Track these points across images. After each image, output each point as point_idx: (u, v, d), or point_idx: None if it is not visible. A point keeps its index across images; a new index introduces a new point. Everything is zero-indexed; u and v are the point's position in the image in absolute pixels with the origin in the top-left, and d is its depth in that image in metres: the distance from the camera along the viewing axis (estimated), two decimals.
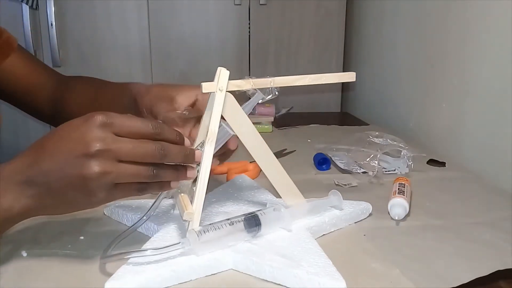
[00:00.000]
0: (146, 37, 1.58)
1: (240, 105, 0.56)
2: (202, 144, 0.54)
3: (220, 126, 0.55)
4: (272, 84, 0.56)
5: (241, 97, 0.56)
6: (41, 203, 0.47)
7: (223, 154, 0.62)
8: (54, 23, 1.50)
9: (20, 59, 0.81)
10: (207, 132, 0.54)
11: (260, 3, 1.57)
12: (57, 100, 0.83)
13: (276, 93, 0.56)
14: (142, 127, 0.48)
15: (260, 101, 0.56)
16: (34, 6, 1.47)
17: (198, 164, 0.54)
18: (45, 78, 0.84)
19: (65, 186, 0.45)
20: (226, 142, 0.58)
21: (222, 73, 0.54)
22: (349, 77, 0.61)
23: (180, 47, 1.60)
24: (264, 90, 0.56)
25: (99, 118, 0.46)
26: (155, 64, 1.60)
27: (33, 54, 1.49)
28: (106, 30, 1.56)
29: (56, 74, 0.86)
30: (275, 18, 1.61)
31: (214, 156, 0.55)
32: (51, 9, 1.49)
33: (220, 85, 0.54)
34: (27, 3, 1.45)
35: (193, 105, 0.67)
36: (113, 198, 0.49)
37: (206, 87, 0.54)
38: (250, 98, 0.57)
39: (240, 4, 1.57)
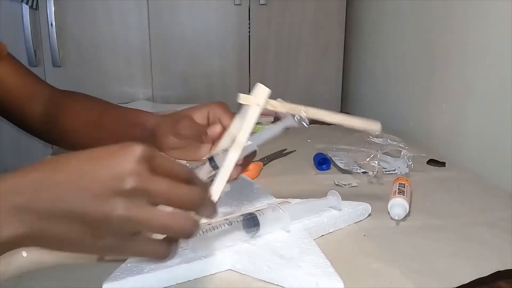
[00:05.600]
0: (146, 37, 1.57)
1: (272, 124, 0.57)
2: (225, 150, 0.54)
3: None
4: (303, 113, 0.56)
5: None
6: (39, 234, 0.38)
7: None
8: (54, 23, 1.49)
9: (11, 69, 0.77)
10: (233, 140, 0.54)
11: (260, 3, 1.57)
12: (50, 116, 0.79)
13: (306, 126, 0.56)
14: (181, 170, 0.39)
15: (288, 127, 0.57)
16: (34, 6, 1.47)
17: None
18: (38, 91, 0.80)
19: (75, 219, 0.37)
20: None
21: (262, 90, 0.55)
22: (374, 126, 0.61)
23: (180, 47, 1.59)
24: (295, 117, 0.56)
25: (140, 150, 0.37)
26: (155, 64, 1.60)
27: (34, 54, 1.50)
28: (106, 30, 1.55)
29: (50, 88, 0.82)
30: (275, 18, 1.61)
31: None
32: (51, 9, 1.48)
33: (258, 101, 0.54)
34: (27, 3, 1.45)
35: (208, 122, 0.65)
36: (123, 252, 0.39)
37: (243, 98, 0.54)
38: (278, 118, 0.57)
39: (240, 4, 1.57)
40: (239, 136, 0.53)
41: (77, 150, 0.39)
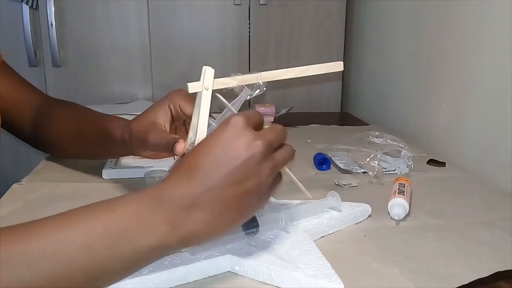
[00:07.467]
0: (146, 37, 1.57)
1: (229, 103, 0.56)
2: (193, 143, 0.54)
3: (209, 125, 0.55)
4: (258, 79, 0.55)
5: (230, 94, 0.56)
6: (214, 223, 0.43)
7: None
8: (54, 23, 1.49)
9: (4, 77, 0.77)
10: (196, 131, 0.53)
11: (260, 3, 1.57)
12: (38, 124, 0.80)
13: (264, 88, 0.56)
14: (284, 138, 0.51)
15: (248, 98, 0.56)
16: (34, 6, 1.47)
17: None
18: (30, 98, 0.81)
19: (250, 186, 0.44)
20: None
21: (207, 72, 0.54)
22: (337, 66, 0.60)
23: (180, 47, 1.59)
24: (251, 86, 0.56)
25: (261, 150, 0.45)
26: (155, 64, 1.60)
27: (34, 54, 1.50)
28: (106, 30, 1.55)
29: (42, 95, 0.83)
30: (275, 18, 1.60)
31: None
32: (51, 9, 1.48)
33: (206, 84, 0.54)
34: (27, 3, 1.45)
35: (174, 117, 0.67)
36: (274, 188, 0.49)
37: (192, 87, 0.54)
38: (238, 96, 0.56)
39: (240, 4, 1.57)
40: (199, 125, 0.53)
41: (65, 157, 0.42)
